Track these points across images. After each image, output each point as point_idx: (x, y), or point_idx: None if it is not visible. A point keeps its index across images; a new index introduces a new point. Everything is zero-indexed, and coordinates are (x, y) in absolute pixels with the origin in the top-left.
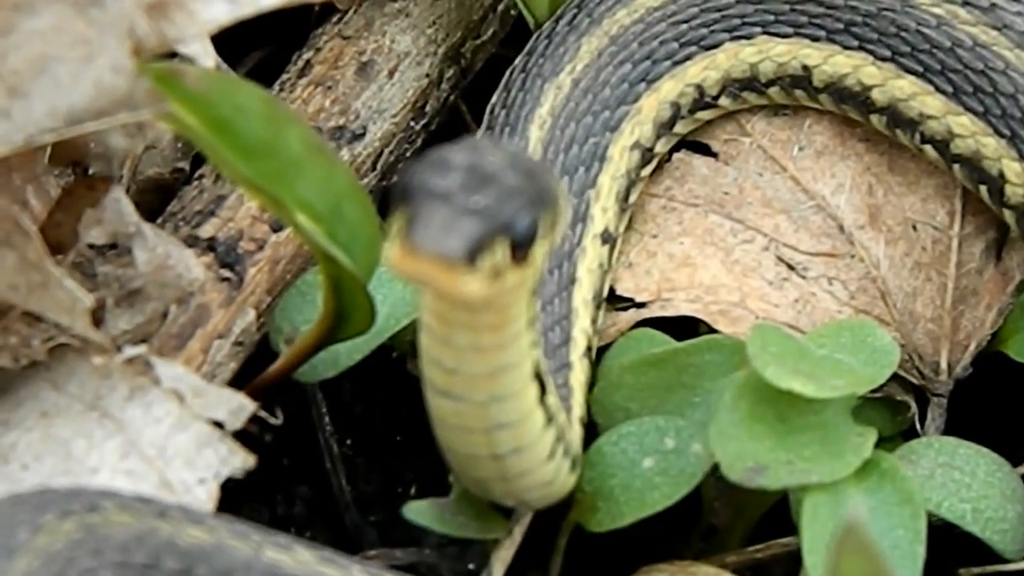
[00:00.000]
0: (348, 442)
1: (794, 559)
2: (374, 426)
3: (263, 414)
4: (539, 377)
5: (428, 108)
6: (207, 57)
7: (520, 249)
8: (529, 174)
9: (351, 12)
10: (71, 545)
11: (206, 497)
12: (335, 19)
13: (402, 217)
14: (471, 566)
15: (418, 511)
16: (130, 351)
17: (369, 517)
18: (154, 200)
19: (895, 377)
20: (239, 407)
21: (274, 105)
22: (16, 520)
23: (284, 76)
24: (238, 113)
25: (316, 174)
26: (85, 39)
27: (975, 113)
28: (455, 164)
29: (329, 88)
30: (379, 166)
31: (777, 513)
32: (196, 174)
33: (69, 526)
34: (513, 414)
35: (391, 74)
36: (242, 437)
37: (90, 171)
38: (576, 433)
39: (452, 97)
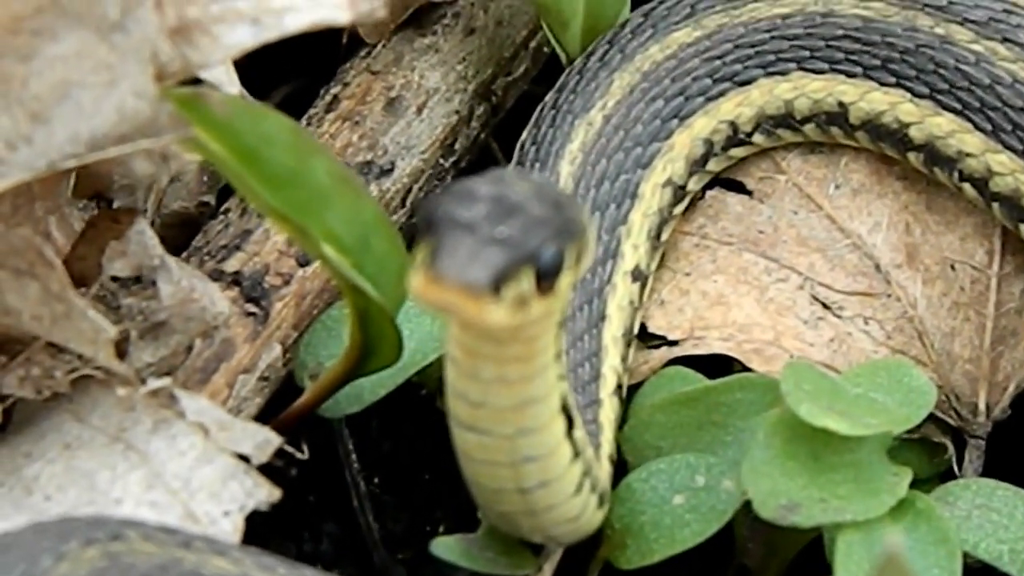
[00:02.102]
0: (376, 480)
1: None
2: (402, 464)
3: (289, 448)
4: (567, 411)
5: (458, 145)
6: (231, 83)
7: (546, 279)
8: (556, 205)
9: (380, 46)
10: (94, 573)
11: (231, 529)
12: (363, 53)
13: (427, 247)
14: None
15: (446, 547)
16: (154, 383)
17: (397, 555)
18: (179, 234)
19: (932, 419)
20: (265, 441)
21: (300, 135)
22: (39, 548)
23: (312, 111)
24: (264, 141)
25: (343, 205)
26: (107, 64)
27: (1014, 151)
28: (481, 195)
29: (357, 123)
30: (408, 203)
31: (810, 554)
32: (222, 208)
33: (92, 554)
34: (540, 448)
35: (420, 110)
36: (268, 472)
37: (114, 204)
38: (605, 470)
39: (482, 135)
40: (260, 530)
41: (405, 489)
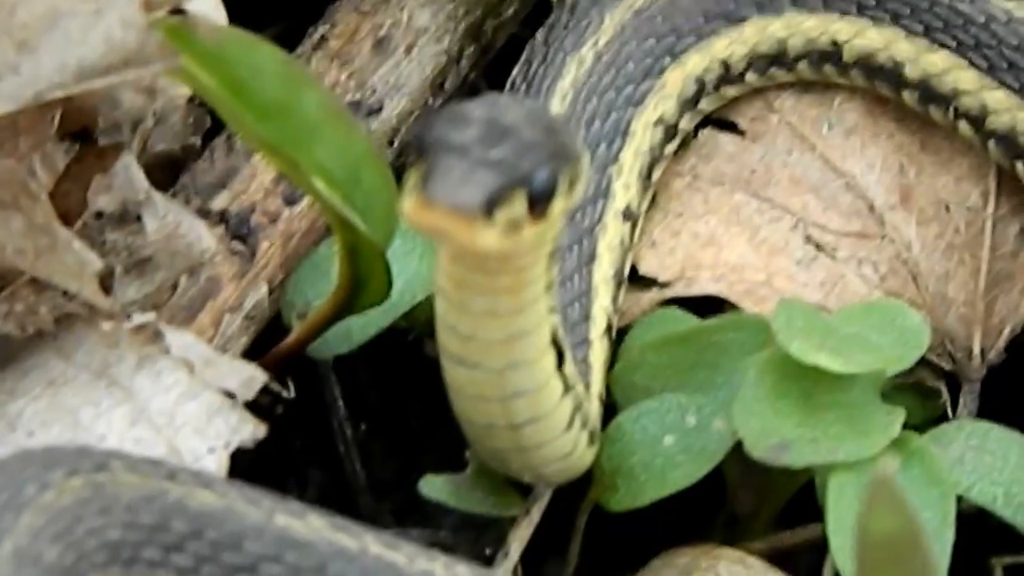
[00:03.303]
0: (363, 427)
1: (819, 547)
2: (389, 410)
3: (275, 386)
4: (557, 345)
5: (447, 86)
6: (218, 13)
7: (538, 204)
8: (549, 129)
9: None
10: (79, 503)
11: (216, 466)
12: None
13: (418, 170)
14: (487, 550)
15: (434, 486)
16: (139, 318)
17: (384, 503)
18: (165, 177)
19: (926, 363)
20: (250, 377)
21: (291, 66)
22: (24, 476)
23: (299, 50)
24: (253, 72)
25: (334, 138)
26: None
27: (1010, 88)
28: (473, 118)
29: (345, 63)
30: (396, 143)
31: (801, 502)
32: (208, 147)
33: (77, 484)
34: (530, 382)
35: (408, 50)
36: (254, 413)
37: (100, 141)
38: (595, 408)
39: (472, 75)
40: (245, 476)
41: (392, 436)
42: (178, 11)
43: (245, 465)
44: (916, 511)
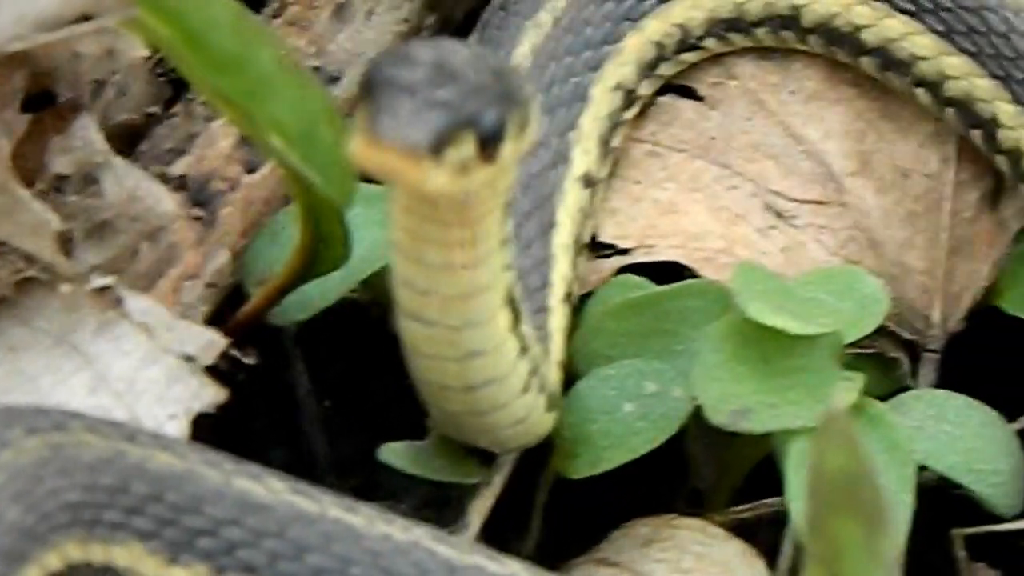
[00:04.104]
0: (326, 403)
1: (779, 520)
2: (352, 386)
3: (236, 352)
4: (512, 304)
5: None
6: None
7: (488, 146)
8: (497, 73)
9: None
10: (38, 463)
11: (177, 433)
12: None
13: (366, 110)
14: (449, 528)
15: (395, 454)
16: (99, 281)
17: (346, 480)
18: (125, 146)
19: (886, 333)
20: (210, 342)
21: (246, 20)
22: None
23: (259, 16)
24: (209, 25)
25: (289, 94)
26: None
27: (968, 54)
28: (421, 59)
29: (304, 28)
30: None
31: (762, 476)
32: (167, 113)
33: (35, 443)
34: (486, 341)
35: (368, 17)
36: (215, 379)
37: (59, 100)
38: (554, 374)
39: None
40: None
41: (355, 412)
42: None
43: (207, 441)
44: (867, 451)
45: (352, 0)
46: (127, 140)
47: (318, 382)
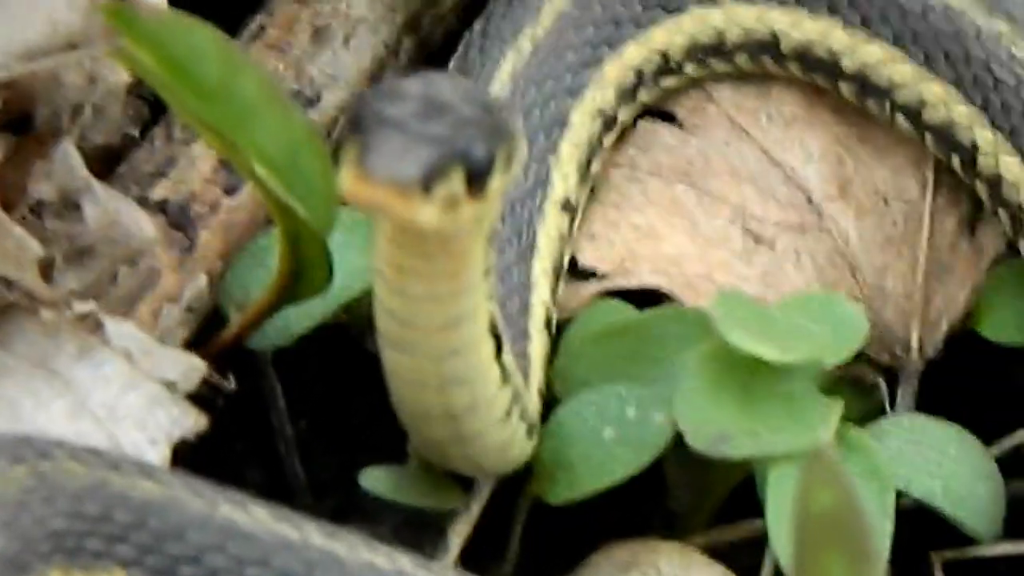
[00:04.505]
0: (303, 424)
1: (758, 542)
2: (330, 409)
3: (215, 378)
4: (495, 332)
5: (385, 77)
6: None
7: (476, 180)
8: (485, 107)
9: None
10: (23, 491)
11: (158, 459)
12: None
13: (355, 144)
14: (428, 551)
15: (374, 479)
16: (80, 307)
17: (324, 502)
18: (103, 169)
19: (864, 358)
20: (190, 368)
21: (230, 49)
22: None
23: (238, 39)
24: (193, 54)
25: (272, 122)
26: None
27: (947, 80)
28: (410, 94)
29: (283, 52)
30: (334, 134)
31: (741, 498)
32: (146, 137)
33: (20, 472)
34: (468, 370)
35: (347, 41)
36: (195, 405)
37: (39, 127)
38: (534, 401)
39: (410, 68)
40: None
41: (333, 435)
42: None
43: (185, 463)
44: (854, 487)
45: (331, 24)
46: (105, 163)
47: (295, 403)
